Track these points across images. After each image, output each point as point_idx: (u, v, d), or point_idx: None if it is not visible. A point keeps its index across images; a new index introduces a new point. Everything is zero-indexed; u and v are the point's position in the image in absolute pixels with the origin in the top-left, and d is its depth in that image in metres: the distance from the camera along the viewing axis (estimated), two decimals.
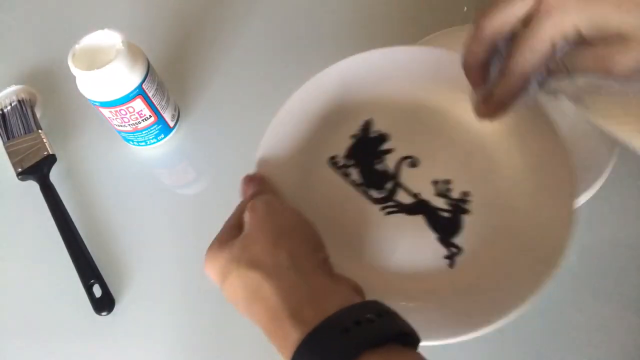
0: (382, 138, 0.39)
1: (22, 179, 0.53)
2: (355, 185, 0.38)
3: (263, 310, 0.27)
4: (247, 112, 0.56)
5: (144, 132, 0.52)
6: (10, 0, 0.73)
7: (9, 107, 0.57)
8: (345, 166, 0.38)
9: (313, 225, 0.33)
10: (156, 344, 0.44)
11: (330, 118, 0.40)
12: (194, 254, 0.35)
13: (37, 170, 0.53)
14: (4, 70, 0.64)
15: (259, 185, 0.35)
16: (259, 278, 0.27)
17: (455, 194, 0.36)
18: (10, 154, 0.54)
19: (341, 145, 0.39)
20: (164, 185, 0.55)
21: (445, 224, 0.36)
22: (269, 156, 0.38)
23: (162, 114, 0.52)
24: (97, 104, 0.49)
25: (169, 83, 0.55)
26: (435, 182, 0.37)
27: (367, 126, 0.40)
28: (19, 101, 0.57)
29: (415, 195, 0.37)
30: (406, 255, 0.36)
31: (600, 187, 0.43)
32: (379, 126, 0.39)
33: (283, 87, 0.58)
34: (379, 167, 0.38)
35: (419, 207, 0.36)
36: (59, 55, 0.49)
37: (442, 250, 0.35)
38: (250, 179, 0.36)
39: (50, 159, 0.54)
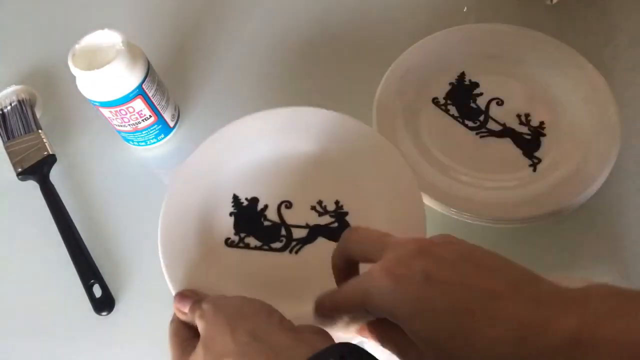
0: (254, 201, 0.44)
1: (22, 179, 0.53)
2: (259, 248, 0.42)
3: None
4: (247, 112, 0.56)
5: (144, 132, 0.52)
6: (10, 0, 0.73)
7: (9, 107, 0.57)
8: (242, 240, 0.43)
9: (255, 298, 0.34)
10: (156, 343, 0.44)
11: (208, 207, 0.44)
12: None
13: (37, 170, 0.53)
14: (4, 70, 0.64)
15: (193, 297, 0.37)
16: None
17: (330, 207, 0.43)
18: (10, 154, 0.54)
19: (227, 225, 0.43)
20: (164, 185, 0.55)
21: (338, 231, 0.42)
22: (177, 270, 0.40)
23: (162, 114, 0.52)
24: (97, 104, 0.49)
25: (169, 83, 0.55)
26: (313, 207, 0.43)
27: (236, 200, 0.44)
28: (19, 101, 0.58)
29: (306, 226, 0.42)
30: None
31: (600, 187, 0.43)
32: (245, 194, 0.44)
33: (283, 87, 0.58)
34: (266, 224, 0.43)
35: (314, 232, 0.42)
36: (59, 55, 0.49)
37: None
38: (181, 297, 0.37)
39: (50, 159, 0.54)
